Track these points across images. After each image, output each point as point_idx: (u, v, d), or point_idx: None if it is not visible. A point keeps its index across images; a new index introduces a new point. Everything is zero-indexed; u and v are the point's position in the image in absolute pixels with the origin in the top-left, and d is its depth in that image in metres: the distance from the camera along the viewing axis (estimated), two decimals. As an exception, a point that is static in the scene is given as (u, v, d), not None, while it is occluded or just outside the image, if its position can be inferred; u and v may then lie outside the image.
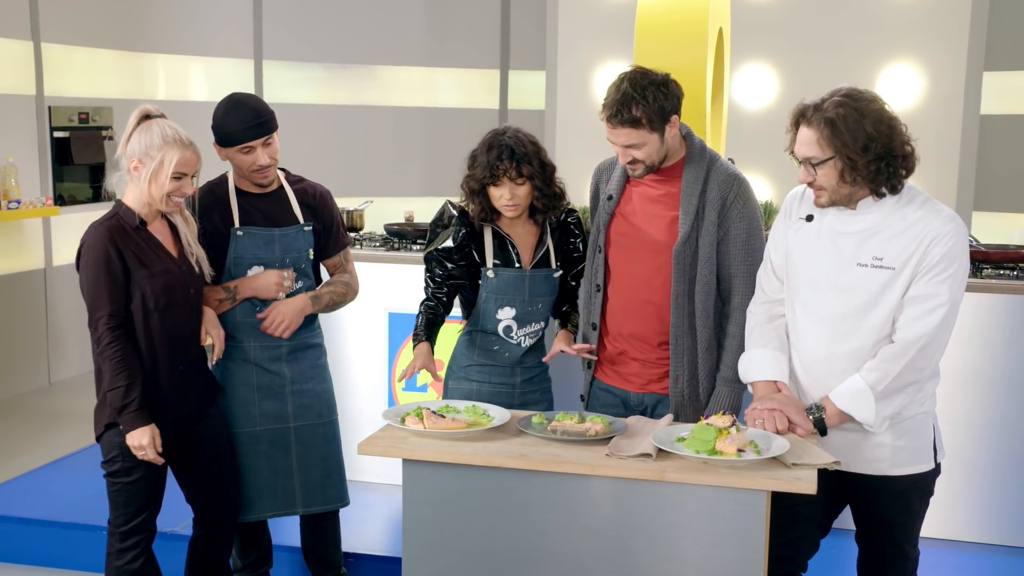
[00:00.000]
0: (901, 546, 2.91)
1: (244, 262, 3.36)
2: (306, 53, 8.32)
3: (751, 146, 6.97)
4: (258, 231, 3.35)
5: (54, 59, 6.94)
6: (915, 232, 2.68)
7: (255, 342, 3.41)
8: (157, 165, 3.05)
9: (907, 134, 2.69)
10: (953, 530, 4.19)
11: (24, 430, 5.92)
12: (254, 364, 3.43)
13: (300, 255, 3.43)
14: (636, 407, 3.18)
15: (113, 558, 3.22)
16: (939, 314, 2.66)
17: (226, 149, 3.31)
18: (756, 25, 7.48)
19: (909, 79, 7.33)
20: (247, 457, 3.45)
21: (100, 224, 3.08)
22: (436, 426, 2.75)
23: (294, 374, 3.47)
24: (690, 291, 3.06)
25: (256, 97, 3.37)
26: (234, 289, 3.35)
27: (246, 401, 3.43)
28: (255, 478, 3.45)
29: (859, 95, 2.67)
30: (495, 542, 2.67)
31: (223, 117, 3.30)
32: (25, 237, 6.81)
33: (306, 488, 3.50)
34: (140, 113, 3.11)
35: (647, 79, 2.95)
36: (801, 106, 2.72)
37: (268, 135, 3.29)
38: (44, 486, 4.74)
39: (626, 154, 3.02)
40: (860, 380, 2.71)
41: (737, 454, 2.52)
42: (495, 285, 3.18)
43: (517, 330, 3.23)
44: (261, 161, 3.29)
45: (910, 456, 2.80)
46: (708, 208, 3.04)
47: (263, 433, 3.44)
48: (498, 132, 3.16)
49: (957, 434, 4.01)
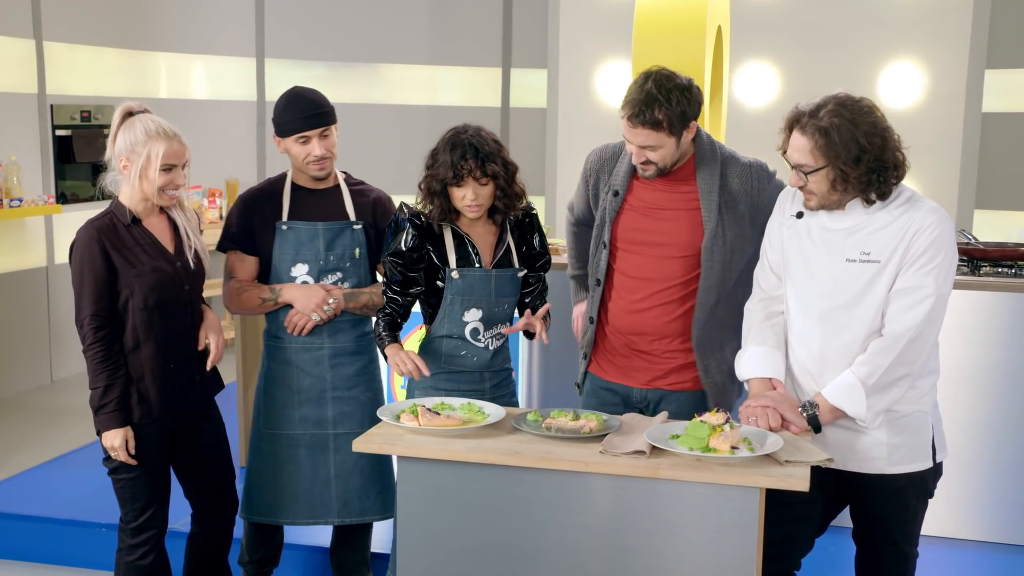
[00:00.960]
0: (899, 545, 2.91)
1: (287, 258, 3.36)
2: (308, 51, 8.34)
3: (752, 144, 6.89)
4: (302, 226, 3.34)
5: (56, 57, 6.96)
6: (899, 225, 2.70)
7: (297, 344, 3.40)
8: (144, 161, 3.06)
9: (899, 142, 2.70)
10: (954, 528, 4.19)
11: (26, 427, 5.95)
12: (296, 367, 3.41)
13: (345, 252, 3.40)
14: (638, 403, 3.18)
15: (124, 554, 3.23)
16: (926, 306, 2.67)
17: (284, 140, 3.33)
18: (757, 23, 7.48)
19: (911, 77, 7.32)
20: (285, 461, 3.43)
21: (90, 223, 3.10)
22: (431, 423, 2.76)
23: (335, 379, 3.44)
24: (719, 285, 3.08)
25: (315, 91, 3.37)
26: (278, 292, 3.35)
27: (286, 403, 3.42)
28: (292, 483, 3.43)
29: (854, 104, 2.67)
30: (489, 539, 2.68)
31: (283, 107, 3.32)
32: (27, 235, 6.83)
33: (343, 498, 3.46)
34: (122, 111, 3.12)
35: (672, 82, 2.95)
36: (796, 111, 2.72)
37: (325, 127, 3.31)
38: (45, 483, 4.77)
39: (640, 154, 3.02)
40: (851, 375, 2.72)
41: (731, 451, 2.53)
42: (460, 286, 3.12)
43: (484, 332, 3.18)
44: (316, 152, 3.30)
45: (907, 454, 2.80)
46: (735, 202, 3.06)
47: (302, 437, 3.42)
48: (459, 130, 3.07)
49: (957, 432, 4.00)
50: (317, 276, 3.38)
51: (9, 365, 6.72)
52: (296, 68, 8.23)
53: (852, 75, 7.17)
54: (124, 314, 3.09)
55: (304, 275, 3.37)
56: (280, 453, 3.43)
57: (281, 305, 3.37)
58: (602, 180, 3.22)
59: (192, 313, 3.23)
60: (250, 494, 3.49)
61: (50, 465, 5.04)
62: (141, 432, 3.13)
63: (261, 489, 3.46)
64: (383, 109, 8.45)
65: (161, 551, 3.27)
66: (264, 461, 3.46)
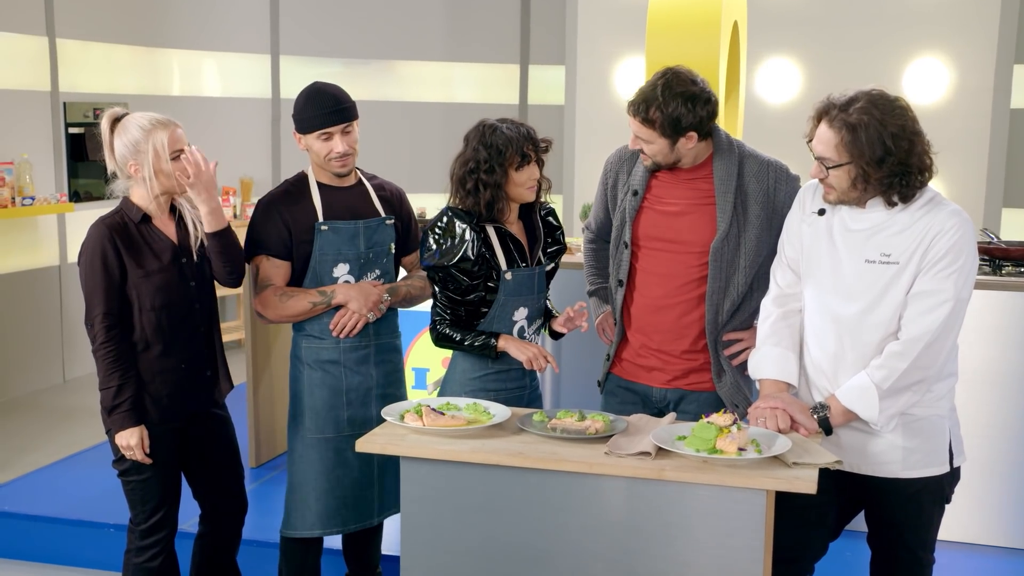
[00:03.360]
0: (914, 551, 2.89)
1: (328, 259, 3.35)
2: (323, 48, 8.38)
3: (774, 141, 6.89)
4: (343, 225, 3.34)
5: (69, 55, 7.02)
6: (920, 227, 2.68)
7: (344, 343, 3.38)
8: (154, 155, 3.07)
9: (928, 147, 2.68)
10: (974, 533, 4.16)
11: (38, 426, 6.01)
12: (343, 366, 3.40)
13: (383, 248, 3.43)
14: (658, 403, 3.20)
15: (132, 555, 3.25)
16: (944, 310, 2.65)
17: (305, 137, 3.32)
18: (779, 17, 7.45)
19: (937, 73, 7.27)
20: (335, 467, 3.39)
21: (101, 222, 3.12)
22: (435, 423, 2.78)
23: (380, 377, 3.45)
24: (730, 287, 3.08)
25: (337, 86, 3.37)
26: (331, 294, 3.34)
27: (333, 405, 3.40)
28: (342, 490, 3.40)
29: (887, 103, 2.65)
30: (493, 540, 2.69)
31: (303, 104, 3.31)
32: (40, 234, 6.89)
33: (383, 497, 3.47)
34: (109, 118, 3.13)
35: (682, 87, 2.97)
36: (827, 102, 2.71)
37: (347, 123, 3.30)
38: (54, 483, 4.81)
39: (636, 142, 3.08)
40: (866, 377, 2.71)
41: (738, 453, 2.53)
42: (512, 287, 3.15)
43: (528, 329, 3.23)
44: (338, 149, 3.29)
45: (923, 458, 2.79)
46: (750, 202, 3.07)
47: (349, 439, 3.33)
48: (495, 123, 3.11)
49: (977, 435, 3.98)
50: (358, 274, 3.39)
51: (21, 364, 6.78)
52: (311, 65, 8.28)
53: (876, 71, 7.13)
54: (132, 314, 3.11)
55: (346, 274, 3.37)
56: (330, 459, 3.39)
57: (333, 307, 3.36)
58: (621, 180, 3.24)
59: (201, 313, 3.25)
60: (297, 508, 3.42)
61: (60, 465, 5.09)
62: (152, 433, 3.16)
63: (308, 500, 3.40)
64: (398, 107, 8.48)
65: (171, 553, 3.29)
66: (312, 470, 3.40)
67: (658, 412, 3.18)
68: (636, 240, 3.18)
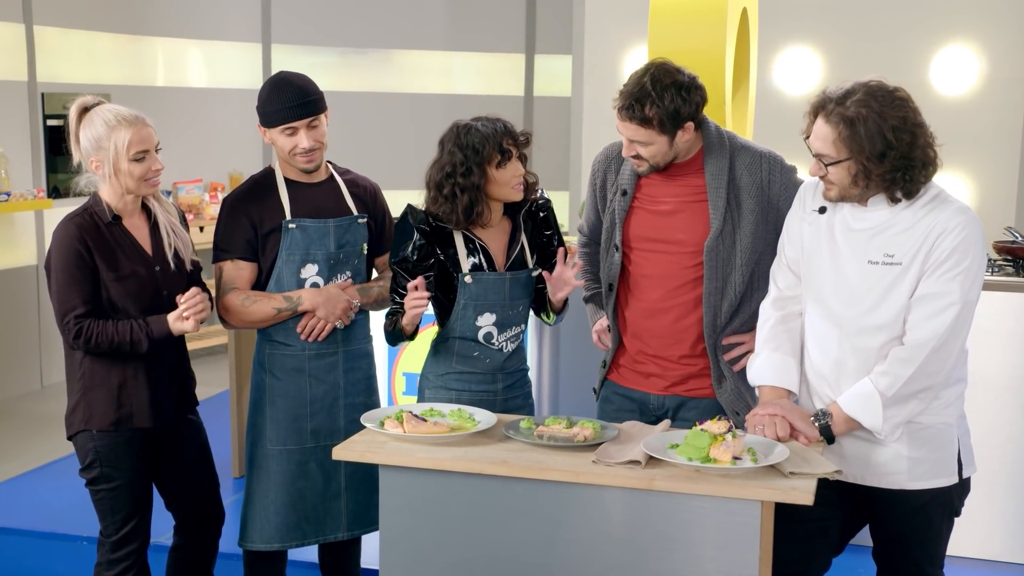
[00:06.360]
0: (922, 567, 2.90)
1: (295, 260, 3.36)
2: (318, 37, 8.42)
3: (792, 134, 6.88)
4: (312, 224, 3.35)
5: (47, 43, 7.06)
6: (923, 226, 2.69)
7: (310, 350, 3.40)
8: (114, 155, 3.09)
9: (931, 139, 2.69)
10: (986, 549, 4.16)
11: (14, 435, 6.05)
12: (308, 375, 3.43)
13: (354, 248, 3.44)
14: (656, 410, 3.22)
15: (103, 569, 3.26)
16: (951, 314, 2.66)
17: (269, 130, 3.34)
18: (797, 4, 7.45)
19: (967, 62, 7.26)
20: (296, 479, 3.42)
21: (70, 220, 3.15)
22: (416, 430, 2.80)
23: (348, 385, 3.47)
24: (727, 288, 3.10)
25: (304, 76, 3.36)
26: (297, 300, 3.35)
27: (297, 416, 3.42)
28: (303, 501, 3.44)
29: (886, 95, 2.66)
30: (476, 552, 2.72)
31: (267, 96, 3.31)
32: (16, 231, 6.93)
33: (354, 511, 3.49)
34: (78, 108, 3.15)
35: (671, 78, 2.98)
36: (823, 96, 2.73)
37: (313, 116, 3.31)
38: (28, 494, 4.84)
39: (631, 148, 3.06)
40: (869, 384, 2.72)
41: (732, 462, 2.54)
42: (473, 291, 3.18)
43: (498, 335, 3.24)
44: (303, 144, 3.30)
45: (930, 469, 2.80)
46: (743, 196, 3.08)
47: (313, 451, 3.41)
48: (469, 122, 3.13)
49: (993, 445, 3.98)
50: (328, 276, 3.40)
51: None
52: (305, 54, 8.31)
53: (901, 60, 7.13)
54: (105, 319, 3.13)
55: (314, 276, 3.39)
56: (291, 471, 3.42)
57: (299, 313, 3.38)
58: (609, 179, 3.26)
59: None
60: (255, 520, 3.46)
61: (35, 474, 5.11)
62: (121, 439, 3.19)
63: (267, 513, 3.43)
64: (397, 98, 8.52)
65: (143, 567, 3.30)
66: (271, 482, 3.43)
67: (656, 420, 3.20)
68: (627, 242, 3.20)
